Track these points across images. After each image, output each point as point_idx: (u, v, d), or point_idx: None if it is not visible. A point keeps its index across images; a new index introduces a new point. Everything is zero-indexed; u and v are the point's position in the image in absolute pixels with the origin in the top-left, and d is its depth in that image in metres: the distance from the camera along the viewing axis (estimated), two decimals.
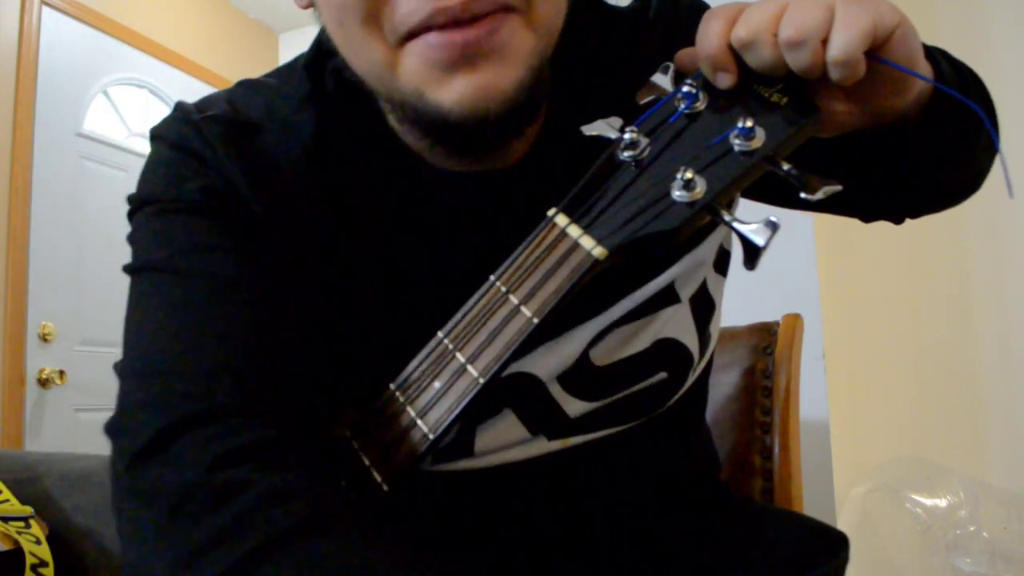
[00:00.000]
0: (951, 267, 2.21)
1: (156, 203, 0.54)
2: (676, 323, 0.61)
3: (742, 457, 0.97)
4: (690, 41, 0.46)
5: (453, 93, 0.47)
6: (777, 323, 1.02)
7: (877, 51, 0.42)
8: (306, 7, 0.54)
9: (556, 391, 0.59)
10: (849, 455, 1.74)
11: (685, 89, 0.44)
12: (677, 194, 0.42)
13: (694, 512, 0.68)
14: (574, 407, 0.59)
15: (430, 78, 0.47)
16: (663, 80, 0.46)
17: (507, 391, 0.57)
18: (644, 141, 0.44)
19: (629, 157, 0.44)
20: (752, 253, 0.40)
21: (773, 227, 0.39)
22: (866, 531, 1.73)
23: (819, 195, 0.39)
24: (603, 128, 0.45)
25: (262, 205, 0.53)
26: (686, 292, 0.61)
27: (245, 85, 0.61)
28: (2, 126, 2.29)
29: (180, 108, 0.57)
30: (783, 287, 1.59)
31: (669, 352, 0.61)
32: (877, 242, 1.99)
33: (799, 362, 1.00)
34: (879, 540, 1.74)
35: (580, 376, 0.59)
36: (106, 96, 2.69)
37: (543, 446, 0.59)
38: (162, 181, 0.54)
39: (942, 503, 1.72)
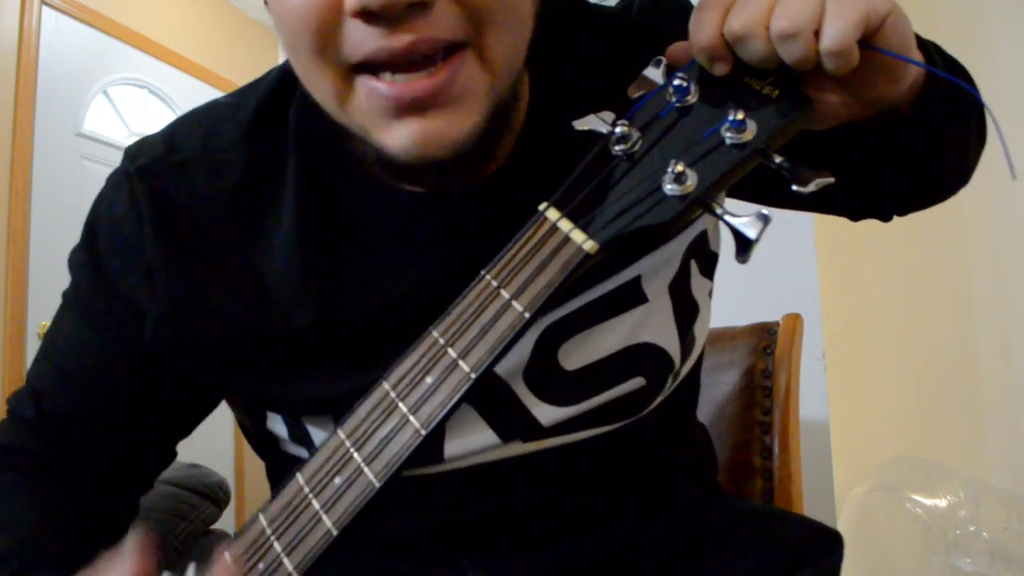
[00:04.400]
0: (952, 267, 2.21)
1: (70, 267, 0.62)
2: (654, 326, 0.59)
3: (742, 457, 0.97)
4: (671, 39, 0.46)
5: (399, 139, 0.46)
6: (777, 323, 1.02)
7: (870, 39, 0.41)
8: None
9: (523, 392, 0.57)
10: (849, 455, 1.74)
11: (676, 83, 0.43)
12: (669, 188, 0.41)
13: (685, 510, 0.67)
14: (546, 413, 0.57)
15: (376, 120, 0.47)
16: (654, 74, 0.46)
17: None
18: (635, 135, 0.44)
19: (620, 151, 0.44)
20: (744, 246, 0.40)
21: (765, 220, 0.39)
22: (866, 531, 1.73)
23: (811, 187, 0.39)
24: (594, 122, 0.45)
25: (172, 259, 0.56)
26: (653, 290, 0.59)
27: (198, 111, 0.62)
28: (2, 126, 2.29)
29: (125, 155, 0.60)
30: (783, 287, 1.58)
31: (646, 357, 0.59)
32: (877, 242, 1.99)
33: (799, 362, 1.00)
34: (879, 540, 1.74)
35: (548, 379, 0.57)
36: (106, 96, 2.70)
37: (516, 448, 0.58)
38: (74, 256, 0.62)
39: (942, 503, 1.72)
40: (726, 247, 0.64)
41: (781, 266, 1.59)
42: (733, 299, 1.15)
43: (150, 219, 0.56)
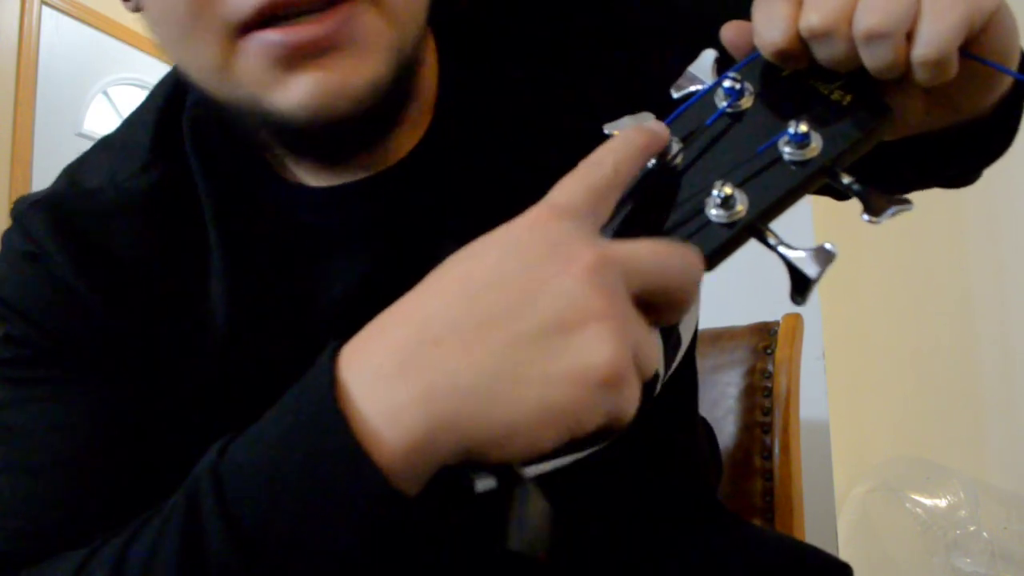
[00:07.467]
0: (951, 267, 2.21)
1: None
2: None
3: (742, 457, 0.97)
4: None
5: (295, 94, 0.41)
6: (777, 323, 1.02)
7: (970, 44, 0.34)
8: (135, 11, 0.47)
9: None
10: (849, 455, 1.74)
11: (728, 84, 0.37)
12: (713, 212, 0.35)
13: (680, 537, 0.61)
14: None
15: (266, 79, 0.41)
16: (702, 69, 0.39)
17: None
18: (676, 146, 0.37)
19: (657, 165, 0.37)
20: (802, 286, 0.34)
21: (828, 256, 0.33)
22: (866, 531, 1.73)
23: (885, 217, 0.33)
24: (629, 126, 0.39)
25: (98, 292, 0.49)
26: None
27: (101, 143, 0.57)
28: (2, 126, 2.29)
29: (16, 204, 0.53)
30: (783, 287, 1.58)
31: None
32: (877, 242, 1.99)
33: (799, 362, 1.00)
34: (879, 540, 1.74)
35: None
36: (106, 96, 2.70)
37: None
38: None
39: (942, 503, 1.72)
40: None
41: (781, 266, 1.59)
42: (733, 299, 1.15)
43: (60, 249, 0.49)
